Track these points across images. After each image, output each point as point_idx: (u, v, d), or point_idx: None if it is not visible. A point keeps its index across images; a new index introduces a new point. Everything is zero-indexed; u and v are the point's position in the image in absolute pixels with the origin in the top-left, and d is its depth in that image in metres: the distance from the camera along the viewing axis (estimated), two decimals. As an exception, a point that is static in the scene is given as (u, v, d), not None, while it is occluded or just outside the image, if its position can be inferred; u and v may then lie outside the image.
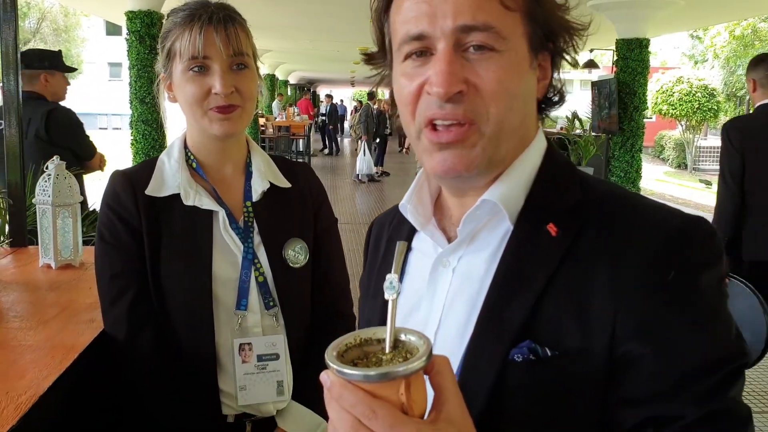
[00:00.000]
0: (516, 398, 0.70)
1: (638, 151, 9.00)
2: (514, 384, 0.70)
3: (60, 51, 3.77)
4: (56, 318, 1.45)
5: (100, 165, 3.76)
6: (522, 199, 0.75)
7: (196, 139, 1.38)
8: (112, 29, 33.58)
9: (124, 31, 9.14)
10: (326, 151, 19.37)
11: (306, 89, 33.79)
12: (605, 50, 12.09)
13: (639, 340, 0.66)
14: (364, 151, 13.51)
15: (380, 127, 14.78)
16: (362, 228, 8.35)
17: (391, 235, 0.92)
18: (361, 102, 17.54)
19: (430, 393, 0.61)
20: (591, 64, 11.66)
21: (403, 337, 0.63)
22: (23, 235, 2.07)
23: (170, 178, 1.35)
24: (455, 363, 0.72)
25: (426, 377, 0.61)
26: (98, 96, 32.93)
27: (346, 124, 25.85)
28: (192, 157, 1.38)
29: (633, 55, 8.56)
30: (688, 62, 31.37)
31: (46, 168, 1.79)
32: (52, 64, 3.60)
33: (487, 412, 0.70)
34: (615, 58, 8.92)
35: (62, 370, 1.16)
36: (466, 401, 0.64)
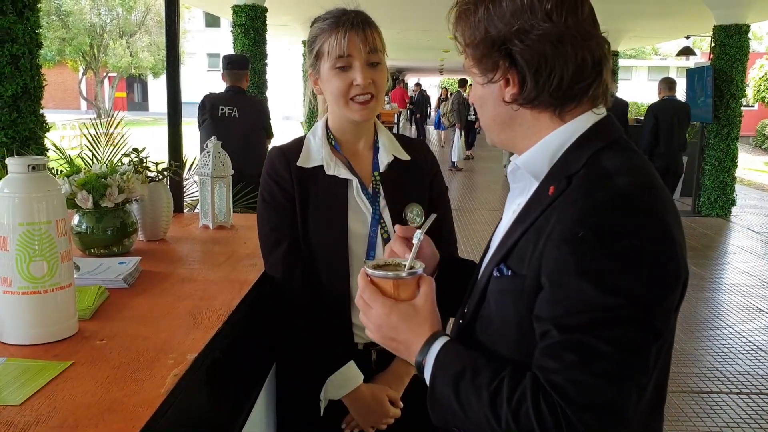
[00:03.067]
0: (489, 302, 1.03)
1: (734, 140, 8.68)
2: (488, 292, 1.04)
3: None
4: (226, 263, 1.81)
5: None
6: (547, 166, 1.00)
7: (336, 121, 1.68)
8: (211, 21, 35.06)
9: (224, 23, 9.72)
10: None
11: (395, 78, 34.07)
12: (703, 36, 11.74)
13: (546, 275, 0.91)
14: (457, 138, 13.59)
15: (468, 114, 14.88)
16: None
17: None
18: (446, 89, 17.58)
19: None
20: (687, 51, 11.35)
21: (416, 265, 1.06)
22: (181, 203, 2.52)
23: (315, 152, 1.66)
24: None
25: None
26: (198, 85, 34.57)
27: (433, 113, 26.04)
28: (332, 136, 1.69)
29: (731, 42, 8.30)
30: (797, 47, 29.44)
31: (206, 146, 2.19)
32: (248, 66, 5.24)
33: (477, 309, 1.07)
34: (712, 44, 8.71)
35: (242, 296, 1.51)
36: (474, 302, 1.07)
